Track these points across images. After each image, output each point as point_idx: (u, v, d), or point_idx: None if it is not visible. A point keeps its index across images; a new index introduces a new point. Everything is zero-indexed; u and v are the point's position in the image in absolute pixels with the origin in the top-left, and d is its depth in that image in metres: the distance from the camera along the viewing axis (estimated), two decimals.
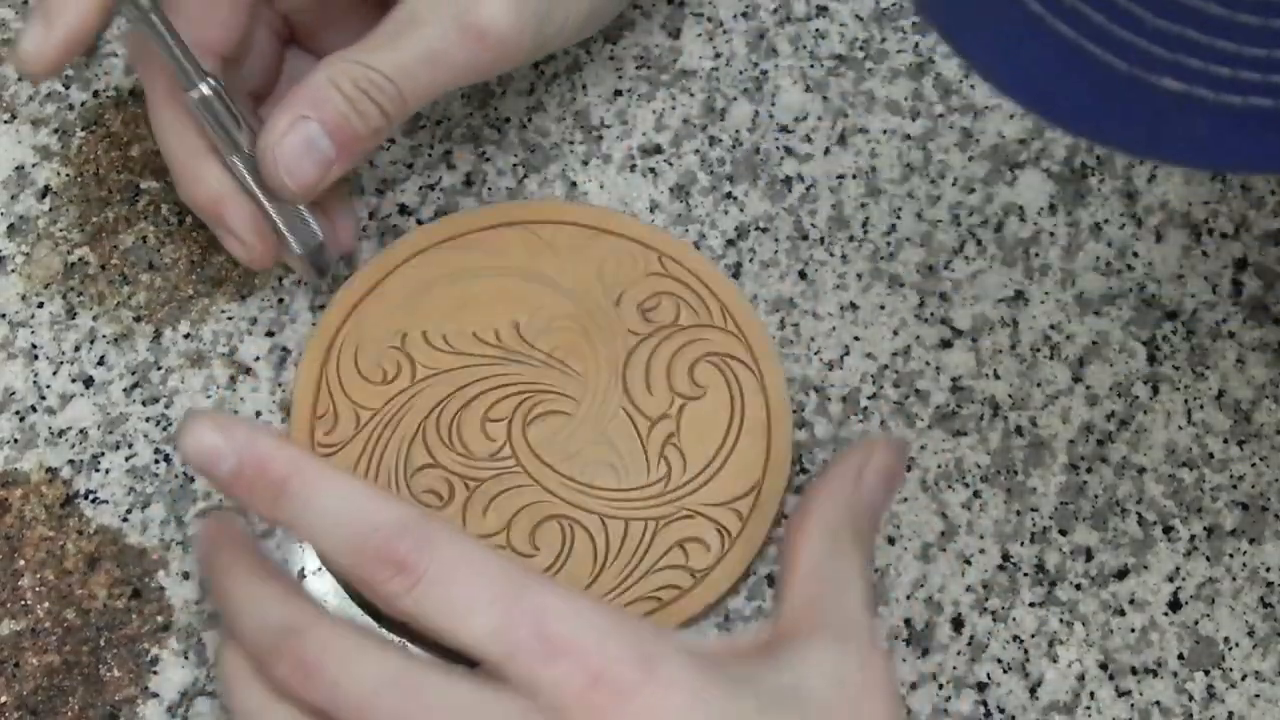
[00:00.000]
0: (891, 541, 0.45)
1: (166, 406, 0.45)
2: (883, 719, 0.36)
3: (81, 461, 0.45)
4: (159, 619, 0.43)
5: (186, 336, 0.46)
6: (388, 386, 0.45)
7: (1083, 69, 0.24)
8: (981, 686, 0.43)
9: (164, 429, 0.45)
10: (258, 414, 0.45)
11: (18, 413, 0.45)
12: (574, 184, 0.49)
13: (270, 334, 0.46)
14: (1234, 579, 0.45)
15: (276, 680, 0.34)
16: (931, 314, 0.48)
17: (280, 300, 0.47)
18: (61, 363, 0.46)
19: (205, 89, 0.40)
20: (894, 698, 0.37)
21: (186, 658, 0.42)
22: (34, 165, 0.48)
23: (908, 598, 0.44)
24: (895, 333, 0.47)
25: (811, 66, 0.51)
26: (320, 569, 0.43)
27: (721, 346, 0.46)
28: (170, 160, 0.42)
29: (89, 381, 0.46)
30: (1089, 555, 0.45)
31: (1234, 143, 0.24)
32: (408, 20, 0.41)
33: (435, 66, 0.41)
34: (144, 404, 0.45)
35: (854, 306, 0.48)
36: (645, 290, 0.46)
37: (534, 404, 0.45)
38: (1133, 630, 0.44)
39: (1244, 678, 0.44)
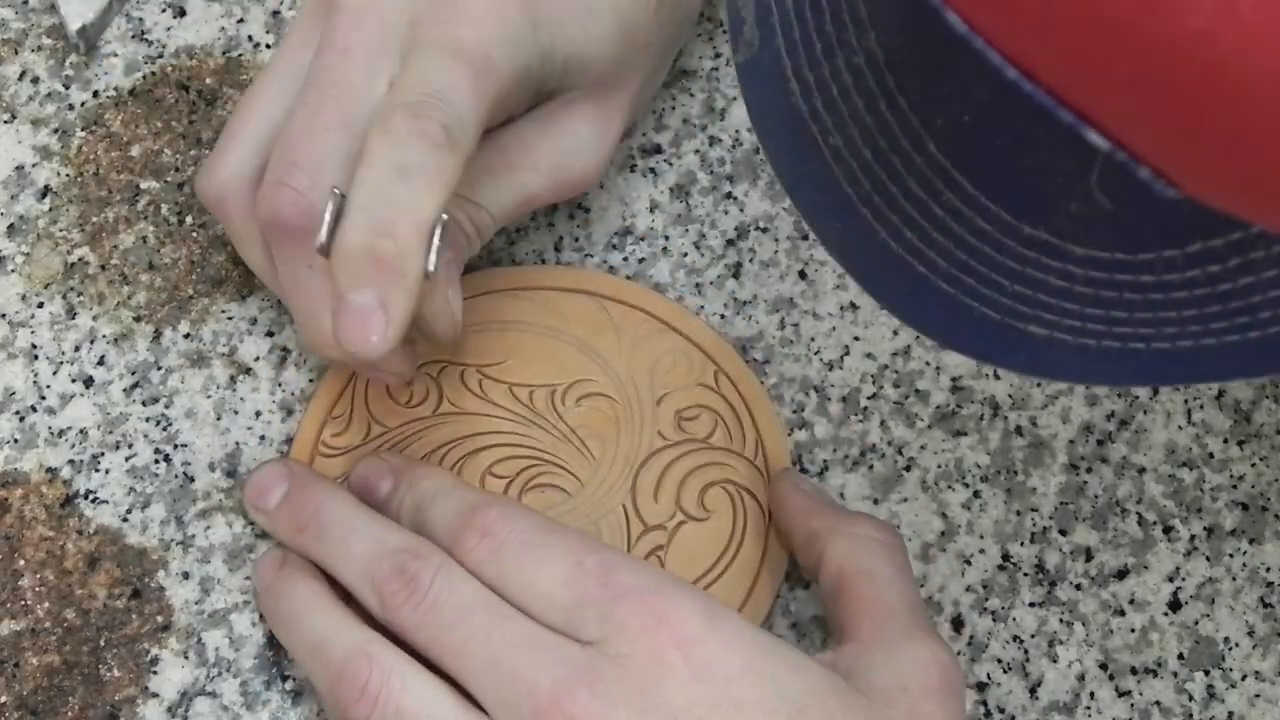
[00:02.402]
0: None
1: (166, 406, 0.45)
2: (941, 717, 0.39)
3: (81, 461, 0.45)
4: (159, 619, 0.43)
5: (186, 336, 0.46)
6: (408, 410, 0.45)
7: (967, 316, 0.28)
8: (981, 687, 0.43)
9: (164, 429, 0.45)
10: (257, 414, 0.45)
11: (18, 413, 0.45)
12: None
13: (270, 334, 0.46)
14: (1234, 579, 0.45)
15: (388, 594, 0.38)
16: None
17: (280, 300, 0.47)
18: (61, 363, 0.46)
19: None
20: (957, 697, 0.39)
21: (186, 658, 0.42)
22: (34, 165, 0.48)
23: None
24: (895, 332, 0.47)
25: None
26: None
27: (743, 478, 0.45)
28: (313, 319, 0.41)
29: (89, 381, 0.46)
30: (1089, 555, 0.45)
31: (1098, 370, 0.28)
32: (506, 167, 0.43)
33: (526, 206, 0.44)
34: (144, 404, 0.45)
35: (854, 306, 0.48)
36: (690, 399, 0.46)
37: (539, 473, 0.45)
38: (1133, 630, 0.44)
39: (1244, 678, 0.44)
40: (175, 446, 0.45)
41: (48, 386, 0.45)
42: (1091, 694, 0.43)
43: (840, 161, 0.28)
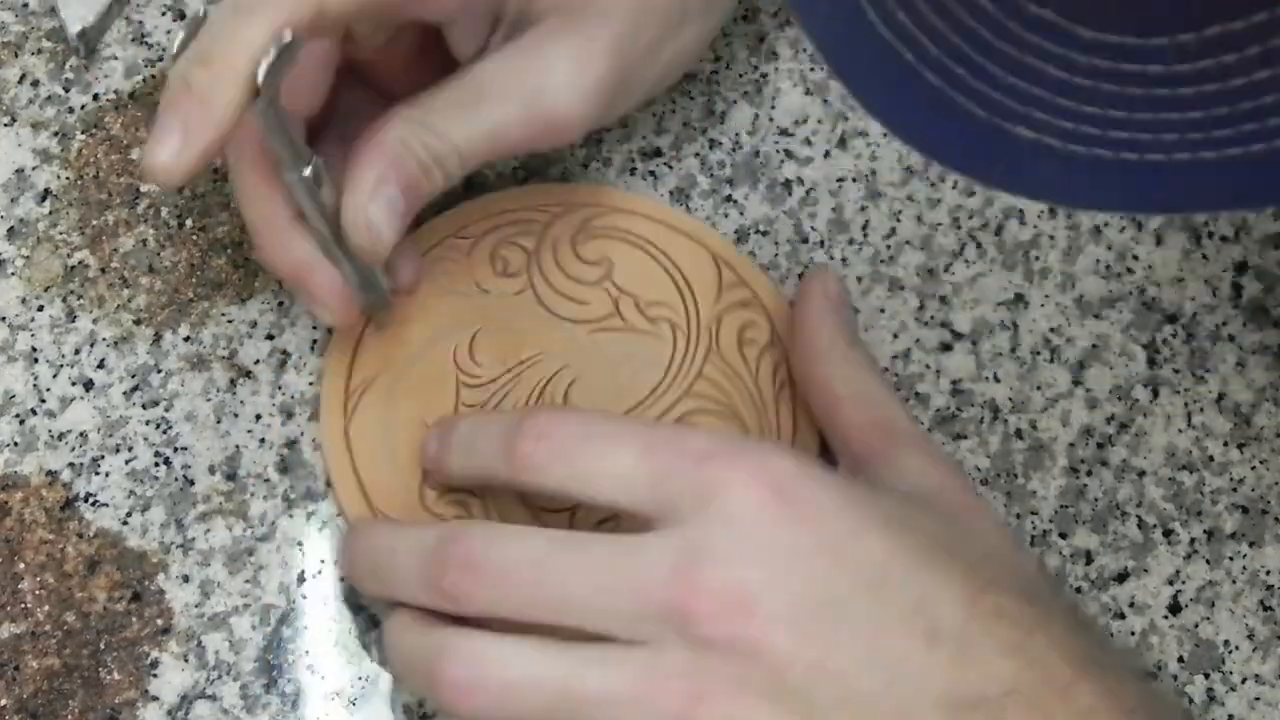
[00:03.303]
0: None
1: (166, 410, 0.45)
2: (983, 506, 0.41)
3: (81, 465, 0.45)
4: (159, 622, 0.43)
5: (186, 339, 0.46)
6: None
7: (950, 114, 0.27)
8: None
9: (164, 432, 0.45)
10: (257, 417, 0.45)
11: (18, 416, 0.45)
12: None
13: (270, 337, 0.46)
14: (1234, 582, 0.45)
15: (447, 590, 0.37)
16: (931, 317, 0.48)
17: (280, 304, 0.47)
18: (61, 366, 0.46)
19: (308, 171, 0.40)
20: (972, 487, 0.42)
21: (186, 661, 0.42)
22: (34, 168, 0.48)
23: None
24: (895, 336, 0.47)
25: (811, 70, 0.51)
26: (319, 572, 0.43)
27: (572, 225, 0.47)
28: (256, 227, 0.41)
29: (89, 385, 0.46)
30: (1089, 558, 0.45)
31: (1080, 187, 0.27)
32: (475, 92, 0.42)
33: (497, 141, 0.42)
34: (144, 407, 0.45)
35: (854, 310, 0.48)
36: (483, 262, 0.46)
37: (549, 399, 0.44)
38: (1133, 633, 0.44)
39: (1244, 681, 0.44)
40: (175, 449, 0.45)
41: (48, 389, 0.45)
42: None
43: None
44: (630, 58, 0.43)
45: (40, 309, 0.46)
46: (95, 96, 0.49)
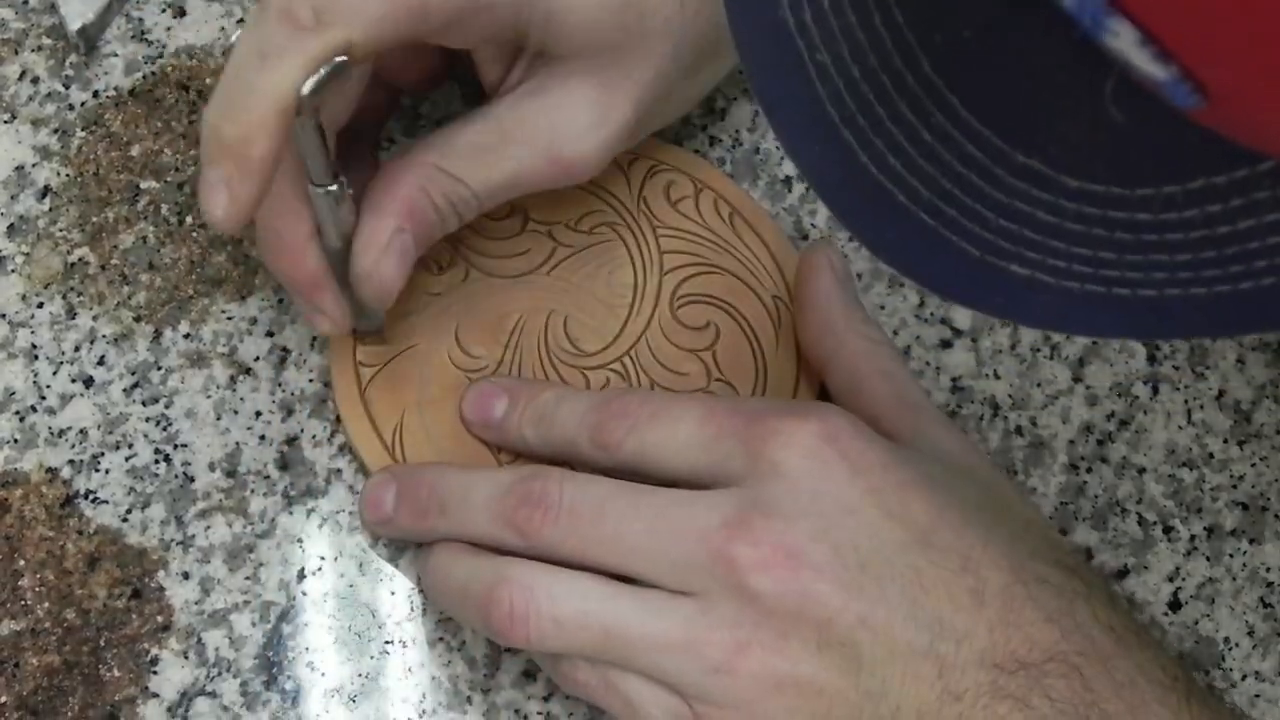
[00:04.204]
0: None
1: (166, 406, 0.45)
2: (1009, 481, 0.42)
3: (81, 461, 0.45)
4: (159, 619, 0.43)
5: (186, 336, 0.46)
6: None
7: (944, 251, 0.27)
8: None
9: (164, 429, 0.45)
10: (257, 414, 0.45)
11: (18, 413, 0.45)
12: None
13: (270, 334, 0.46)
14: (1234, 579, 0.45)
15: (521, 522, 0.38)
16: (931, 314, 0.48)
17: (280, 300, 0.47)
18: (61, 363, 0.46)
19: (335, 187, 0.40)
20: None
21: (186, 658, 0.42)
22: (34, 165, 0.48)
23: None
24: (895, 332, 0.47)
25: None
26: (319, 569, 0.43)
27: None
28: (277, 236, 0.41)
29: (89, 381, 0.46)
30: (1089, 555, 0.45)
31: (1080, 317, 0.27)
32: (497, 140, 0.42)
33: (516, 187, 0.42)
34: (144, 404, 0.45)
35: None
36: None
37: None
38: None
39: (1244, 677, 0.44)
40: (175, 446, 0.45)
41: (48, 386, 0.45)
42: None
43: (826, 80, 0.27)
44: (649, 105, 0.43)
45: (40, 306, 0.46)
46: (95, 93, 0.49)
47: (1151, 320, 0.27)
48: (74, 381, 0.46)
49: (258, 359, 0.46)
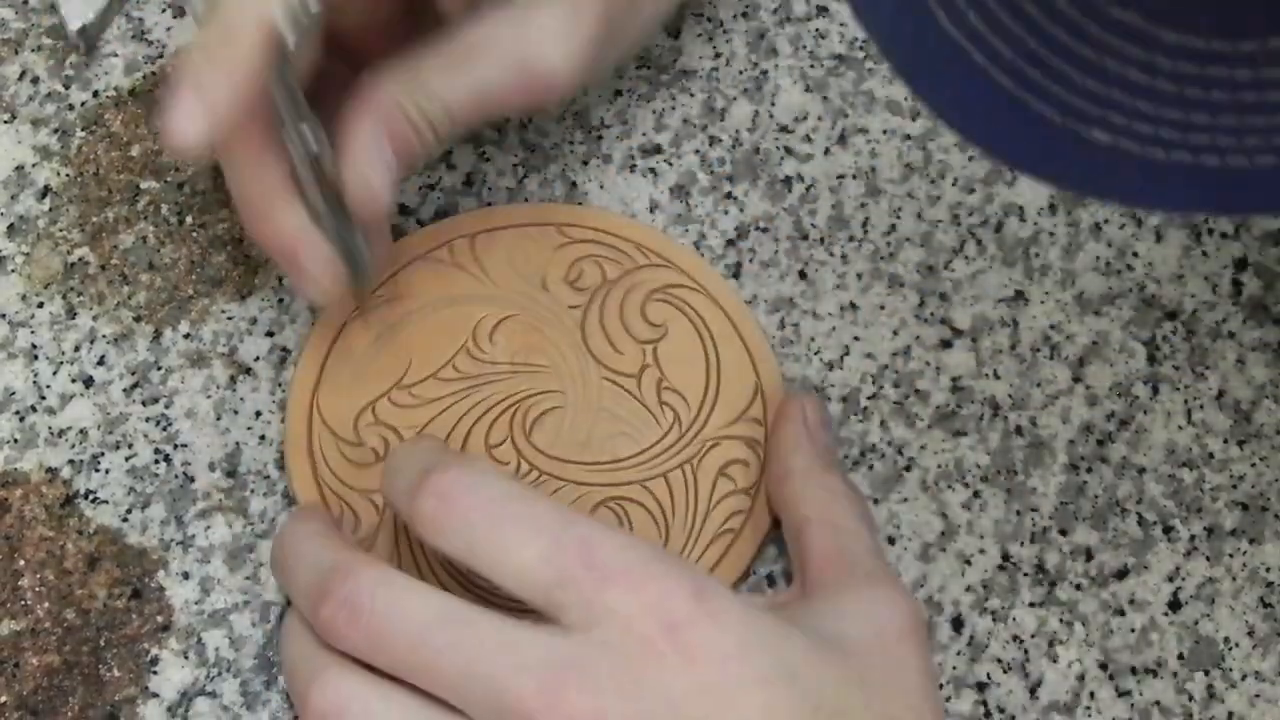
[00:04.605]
0: (892, 541, 0.45)
1: (166, 406, 0.45)
2: (915, 660, 0.38)
3: (81, 461, 0.45)
4: (159, 619, 0.43)
5: (186, 336, 0.46)
6: (381, 464, 0.43)
7: (1022, 117, 0.26)
8: (981, 686, 0.43)
9: (164, 429, 0.45)
10: (257, 414, 0.45)
11: (18, 413, 0.45)
12: (574, 184, 0.49)
13: (270, 334, 0.46)
14: (1234, 579, 0.45)
15: (323, 622, 0.36)
16: (931, 314, 0.48)
17: (280, 300, 0.47)
18: (61, 363, 0.46)
19: (308, 130, 0.40)
20: (924, 639, 0.39)
21: (186, 658, 0.42)
22: (34, 165, 0.48)
23: None
24: (895, 333, 0.47)
25: (811, 66, 0.51)
26: None
27: (657, 281, 0.46)
28: (250, 199, 0.41)
29: (89, 381, 0.46)
30: (1089, 555, 0.45)
31: (1159, 191, 0.26)
32: (465, 52, 0.41)
33: (487, 101, 0.42)
34: (144, 404, 0.45)
35: (854, 306, 0.48)
36: (562, 263, 0.47)
37: (524, 413, 0.45)
38: (1133, 630, 0.44)
39: (1244, 678, 0.44)
40: (175, 446, 0.45)
41: (48, 386, 0.45)
42: (1091, 694, 0.43)
43: None
44: (616, 16, 0.43)
45: (40, 306, 0.47)
46: (95, 93, 0.49)
47: (1236, 194, 0.25)
48: (74, 381, 0.46)
49: (258, 359, 0.46)
